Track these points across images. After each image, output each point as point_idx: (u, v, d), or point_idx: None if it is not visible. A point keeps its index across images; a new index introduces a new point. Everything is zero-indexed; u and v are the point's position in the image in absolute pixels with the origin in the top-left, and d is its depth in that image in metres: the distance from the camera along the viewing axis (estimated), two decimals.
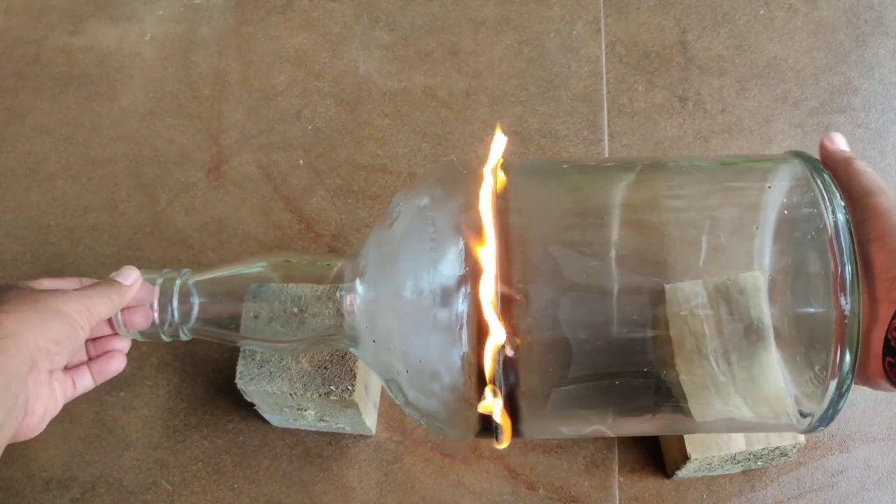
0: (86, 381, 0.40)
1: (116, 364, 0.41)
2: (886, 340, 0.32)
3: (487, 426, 0.36)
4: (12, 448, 0.53)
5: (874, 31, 0.68)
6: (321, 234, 0.60)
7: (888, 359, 0.32)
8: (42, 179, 0.63)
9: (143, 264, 0.59)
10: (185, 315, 0.40)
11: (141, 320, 0.40)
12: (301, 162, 0.63)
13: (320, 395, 0.45)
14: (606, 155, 0.63)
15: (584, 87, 0.65)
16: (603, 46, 0.67)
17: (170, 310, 0.40)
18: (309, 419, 0.50)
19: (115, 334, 0.41)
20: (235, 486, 0.52)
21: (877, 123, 0.65)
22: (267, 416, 0.51)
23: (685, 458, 0.47)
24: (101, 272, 0.59)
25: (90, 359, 0.41)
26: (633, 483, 0.52)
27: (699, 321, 0.34)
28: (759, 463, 0.49)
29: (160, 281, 0.40)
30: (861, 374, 0.34)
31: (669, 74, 0.66)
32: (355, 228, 0.60)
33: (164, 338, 0.41)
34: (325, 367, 0.46)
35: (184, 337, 0.40)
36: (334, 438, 0.53)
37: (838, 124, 0.64)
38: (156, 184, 0.63)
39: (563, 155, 0.63)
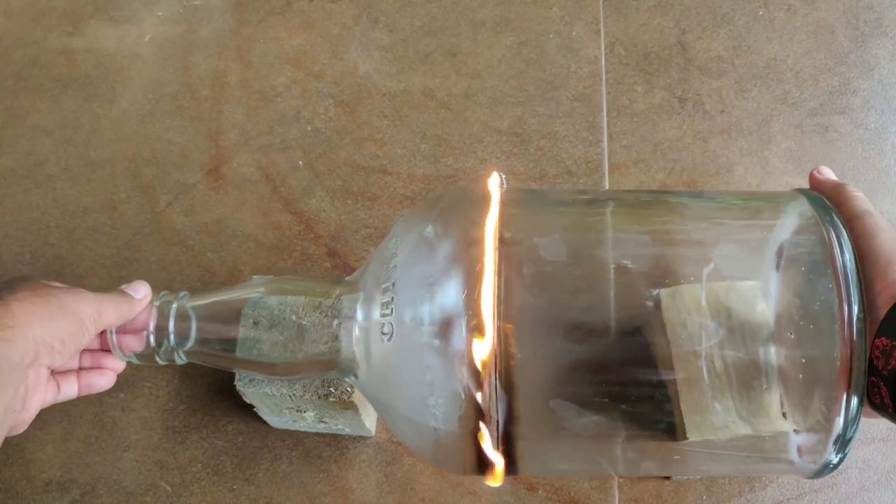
0: (70, 390, 0.40)
1: (105, 381, 0.41)
2: (870, 360, 0.32)
3: (484, 462, 0.35)
4: (11, 449, 0.53)
5: (873, 32, 0.68)
6: (321, 235, 0.60)
7: (871, 378, 0.32)
8: (41, 181, 0.63)
9: (142, 265, 0.59)
10: (182, 338, 0.39)
11: (134, 344, 0.40)
12: (300, 163, 0.63)
13: (319, 397, 0.45)
14: (606, 156, 0.63)
15: (583, 87, 0.65)
16: (602, 47, 0.67)
17: (166, 332, 0.39)
18: (308, 421, 0.50)
19: (111, 353, 0.41)
20: (235, 487, 0.52)
21: (876, 124, 0.65)
22: (266, 417, 0.51)
23: None
24: (100, 273, 0.59)
25: (81, 368, 0.40)
26: (633, 484, 0.52)
27: (696, 324, 0.34)
28: None
29: (157, 303, 0.40)
30: None
31: (669, 75, 0.66)
32: (355, 229, 0.60)
33: (160, 361, 0.40)
34: None
35: (179, 360, 0.40)
36: (334, 440, 0.53)
37: (837, 125, 0.64)
38: (155, 185, 0.63)
39: (563, 156, 0.63)
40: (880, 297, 0.32)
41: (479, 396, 0.33)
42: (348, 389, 0.45)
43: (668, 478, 0.51)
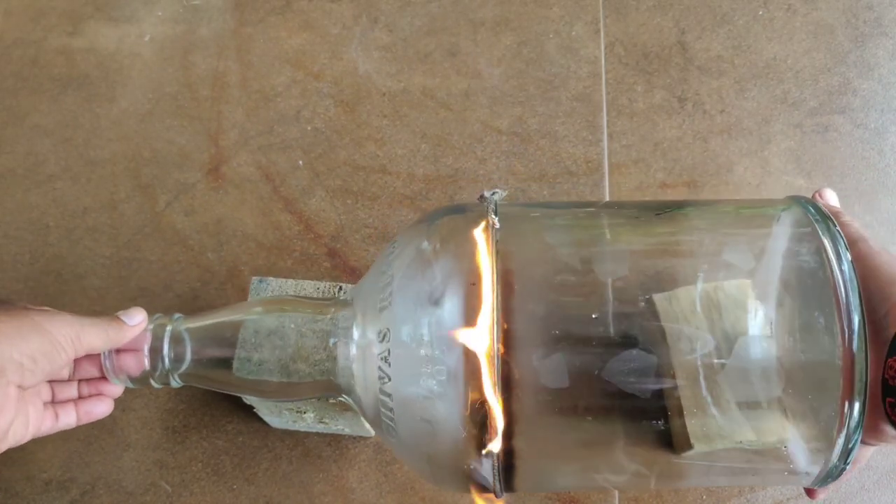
0: (69, 418, 0.39)
1: (103, 408, 0.40)
2: (884, 380, 0.31)
3: (483, 480, 0.35)
4: (11, 448, 0.53)
5: (873, 32, 0.68)
6: (320, 235, 0.60)
7: (888, 399, 0.31)
8: (41, 180, 0.63)
9: (142, 265, 0.59)
10: (177, 361, 0.38)
11: (132, 364, 0.39)
12: (300, 163, 0.63)
13: (319, 398, 0.45)
14: (606, 156, 0.63)
15: (583, 87, 0.65)
16: (602, 47, 0.67)
17: (161, 356, 0.38)
18: (308, 421, 0.50)
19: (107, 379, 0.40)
20: (235, 486, 0.52)
21: (876, 124, 0.65)
22: (266, 418, 0.51)
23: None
24: (100, 273, 0.59)
25: (80, 397, 0.40)
26: None
27: (693, 329, 0.34)
28: None
29: (150, 326, 0.39)
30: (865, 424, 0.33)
31: (668, 75, 0.66)
32: (354, 229, 0.60)
33: (155, 384, 0.39)
34: None
35: (174, 384, 0.39)
36: (334, 440, 0.53)
37: (837, 125, 0.64)
38: (155, 185, 0.63)
39: (563, 156, 0.63)
40: (888, 317, 0.32)
41: (479, 413, 0.33)
42: None
43: None
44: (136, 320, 0.38)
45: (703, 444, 0.35)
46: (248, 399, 0.47)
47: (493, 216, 0.36)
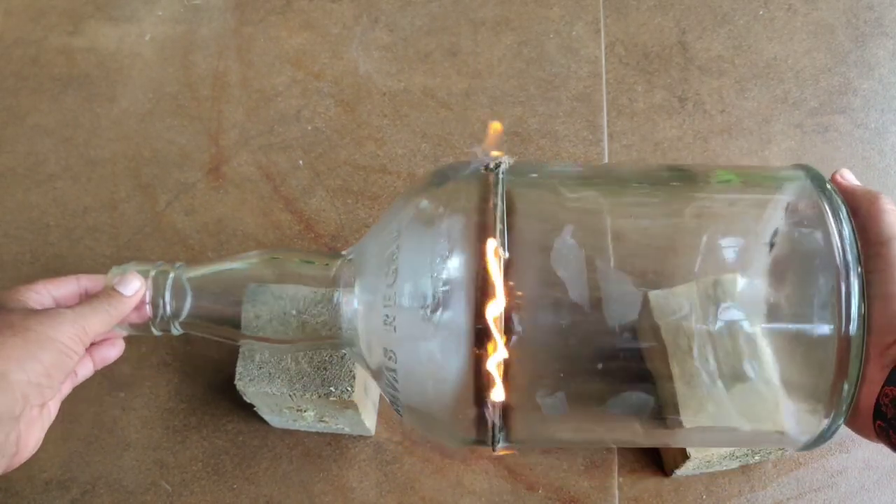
0: (86, 370, 0.40)
1: (116, 350, 0.41)
2: (877, 405, 0.31)
3: (483, 434, 0.36)
4: None
5: (874, 32, 0.68)
6: (321, 235, 0.60)
7: (878, 422, 0.31)
8: (41, 180, 0.63)
9: None
10: (178, 310, 0.39)
11: (135, 316, 0.39)
12: (301, 162, 0.63)
13: (320, 396, 0.45)
14: (606, 156, 0.63)
15: (583, 87, 0.65)
16: (602, 47, 0.67)
17: (161, 304, 0.39)
18: (308, 420, 0.50)
19: None
20: (235, 486, 0.52)
21: (876, 124, 0.65)
22: (266, 416, 0.51)
23: (685, 456, 0.47)
24: (100, 272, 0.59)
25: (92, 344, 0.40)
26: (633, 483, 0.52)
27: (688, 321, 0.34)
28: (756, 457, 0.49)
29: (153, 274, 0.40)
30: (851, 423, 0.33)
31: (669, 75, 0.66)
32: (355, 229, 0.60)
33: (155, 331, 0.40)
34: (325, 368, 0.46)
35: (175, 331, 0.40)
36: (334, 439, 0.53)
37: (838, 124, 0.64)
38: (155, 184, 0.63)
39: (563, 155, 0.63)
40: (893, 348, 0.31)
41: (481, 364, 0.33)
42: (348, 389, 0.45)
43: (668, 475, 0.51)
44: (134, 288, 0.39)
45: (695, 423, 0.35)
46: (249, 397, 0.48)
47: (499, 195, 0.36)
